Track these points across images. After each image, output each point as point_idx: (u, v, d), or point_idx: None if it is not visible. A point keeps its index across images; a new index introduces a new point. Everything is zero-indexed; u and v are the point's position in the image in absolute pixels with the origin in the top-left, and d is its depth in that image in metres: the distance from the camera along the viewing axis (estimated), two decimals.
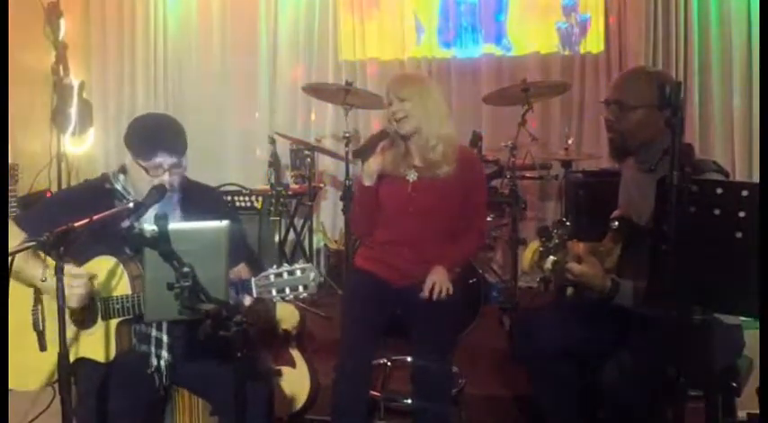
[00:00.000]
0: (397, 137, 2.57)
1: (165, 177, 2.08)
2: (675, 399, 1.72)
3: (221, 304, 1.66)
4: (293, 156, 4.77)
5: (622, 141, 2.23)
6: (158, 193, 2.03)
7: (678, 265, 1.65)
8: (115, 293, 2.03)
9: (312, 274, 1.96)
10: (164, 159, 2.07)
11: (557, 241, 2.10)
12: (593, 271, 2.09)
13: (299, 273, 1.96)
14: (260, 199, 4.14)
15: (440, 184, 2.56)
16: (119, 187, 2.17)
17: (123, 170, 2.19)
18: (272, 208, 3.92)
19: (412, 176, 2.60)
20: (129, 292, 2.02)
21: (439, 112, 2.57)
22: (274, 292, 1.97)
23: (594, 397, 2.22)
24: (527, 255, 2.25)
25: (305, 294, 1.99)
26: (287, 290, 1.97)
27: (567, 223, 2.14)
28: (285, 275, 1.97)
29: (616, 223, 2.25)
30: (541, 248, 2.12)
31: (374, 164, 2.54)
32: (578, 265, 2.08)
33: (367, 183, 2.57)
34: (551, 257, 2.10)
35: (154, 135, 2.10)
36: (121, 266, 2.03)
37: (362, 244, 2.84)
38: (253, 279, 1.99)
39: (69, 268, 1.88)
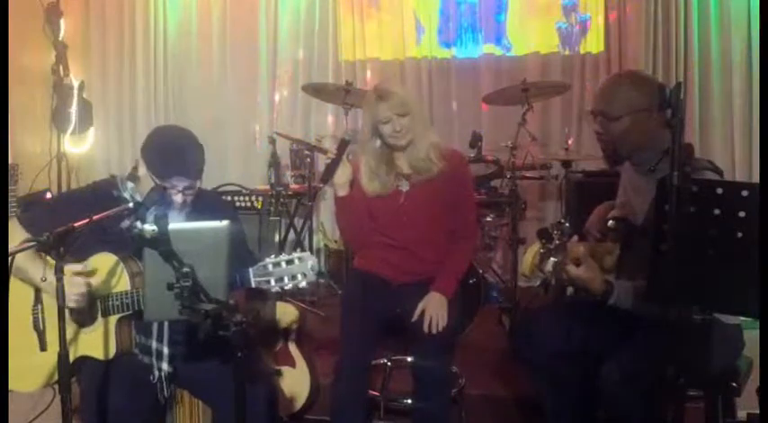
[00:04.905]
0: (384, 150, 2.57)
1: (178, 198, 2.07)
2: (675, 399, 1.72)
3: (221, 304, 1.66)
4: (293, 156, 4.76)
5: (614, 150, 2.25)
6: (158, 193, 2.03)
7: (678, 265, 1.65)
8: (115, 290, 2.02)
9: (310, 263, 1.94)
10: (179, 182, 2.06)
11: (557, 243, 2.09)
12: (590, 274, 2.07)
13: (297, 261, 1.94)
14: (260, 199, 4.14)
15: (430, 186, 2.57)
16: (127, 196, 2.15)
17: (132, 178, 2.15)
18: (272, 208, 3.93)
19: (404, 187, 2.60)
20: (129, 288, 2.02)
21: (427, 121, 2.69)
22: (273, 282, 1.95)
23: (594, 397, 2.21)
24: (527, 258, 2.24)
25: (304, 284, 1.95)
26: (285, 279, 1.94)
27: (567, 224, 2.14)
28: (283, 264, 1.94)
29: (612, 223, 2.25)
30: (542, 250, 2.12)
31: (343, 175, 2.51)
32: (575, 268, 2.07)
33: (341, 193, 2.54)
34: (552, 259, 2.09)
35: (172, 157, 2.07)
36: (121, 264, 2.03)
37: None
38: (251, 269, 1.97)
39: (71, 267, 1.87)
